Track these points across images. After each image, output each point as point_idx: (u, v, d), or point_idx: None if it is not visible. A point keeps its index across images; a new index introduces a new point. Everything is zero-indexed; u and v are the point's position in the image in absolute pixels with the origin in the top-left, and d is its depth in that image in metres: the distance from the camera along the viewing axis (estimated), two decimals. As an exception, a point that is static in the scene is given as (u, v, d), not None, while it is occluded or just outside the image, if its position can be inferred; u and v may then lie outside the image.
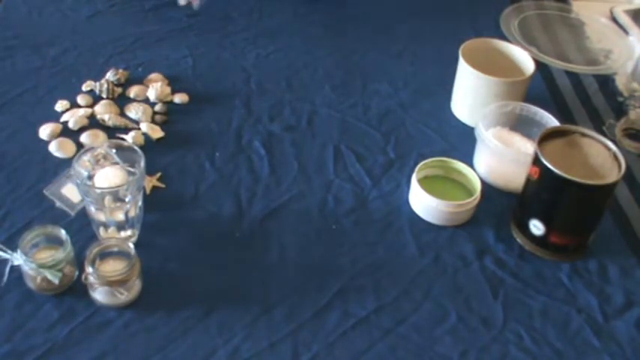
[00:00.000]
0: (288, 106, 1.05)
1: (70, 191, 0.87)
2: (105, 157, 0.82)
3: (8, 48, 1.12)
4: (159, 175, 0.92)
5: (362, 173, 0.95)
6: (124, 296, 0.76)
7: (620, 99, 1.11)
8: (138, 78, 1.08)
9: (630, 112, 1.07)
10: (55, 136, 0.96)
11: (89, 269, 0.74)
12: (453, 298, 0.80)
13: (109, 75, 1.06)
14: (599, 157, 0.82)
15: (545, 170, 0.80)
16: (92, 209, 0.80)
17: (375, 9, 1.28)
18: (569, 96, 1.12)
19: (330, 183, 0.93)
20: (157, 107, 1.02)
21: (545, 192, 0.82)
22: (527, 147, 0.94)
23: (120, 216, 0.80)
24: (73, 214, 0.86)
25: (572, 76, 1.16)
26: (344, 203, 0.90)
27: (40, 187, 0.88)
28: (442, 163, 0.93)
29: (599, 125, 1.05)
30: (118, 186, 0.78)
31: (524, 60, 1.03)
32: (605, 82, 1.14)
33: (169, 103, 1.04)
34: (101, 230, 0.82)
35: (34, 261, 0.74)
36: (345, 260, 0.83)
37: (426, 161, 0.91)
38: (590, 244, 0.86)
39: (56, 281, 0.75)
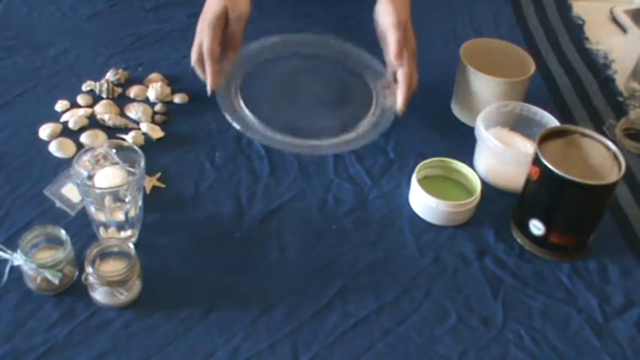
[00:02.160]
0: (288, 106, 1.05)
1: (70, 191, 0.87)
2: (105, 157, 0.82)
3: (8, 48, 1.12)
4: (159, 175, 0.92)
5: (362, 173, 0.95)
6: (124, 296, 0.76)
7: (620, 99, 1.11)
8: (138, 78, 1.08)
9: (630, 112, 1.07)
10: (55, 136, 0.96)
11: (89, 269, 0.74)
12: (453, 298, 0.80)
13: (109, 75, 1.06)
14: (599, 157, 0.82)
15: (545, 170, 0.80)
16: (92, 209, 0.80)
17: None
18: (569, 96, 1.11)
19: (330, 183, 0.93)
20: (157, 107, 1.02)
21: (545, 192, 0.82)
22: (527, 147, 0.94)
23: (120, 216, 0.80)
24: (73, 214, 0.86)
25: (572, 76, 1.16)
26: (344, 203, 0.90)
27: (40, 187, 0.88)
28: (442, 163, 0.93)
29: (599, 125, 1.05)
30: (118, 186, 0.78)
31: (524, 60, 1.03)
32: (605, 82, 1.14)
33: (169, 103, 1.04)
34: (101, 230, 0.82)
35: (34, 261, 0.74)
36: (345, 260, 0.83)
37: (426, 161, 0.91)
38: (590, 244, 0.86)
39: (56, 281, 0.75)
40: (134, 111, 1.01)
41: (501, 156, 0.91)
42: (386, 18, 0.96)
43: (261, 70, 1.02)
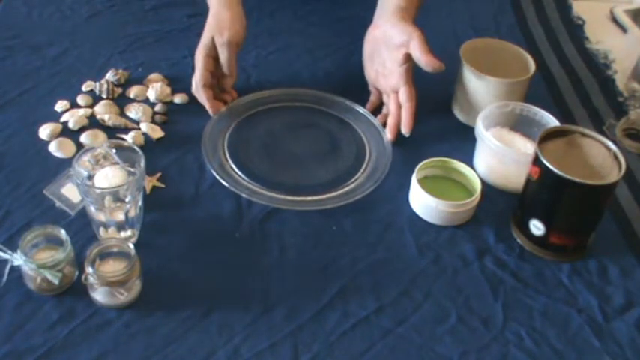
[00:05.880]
0: (288, 106, 1.05)
1: (70, 191, 0.87)
2: (105, 157, 0.82)
3: (8, 48, 1.12)
4: (159, 175, 0.92)
5: (362, 173, 0.95)
6: (124, 296, 0.76)
7: (620, 99, 1.11)
8: (138, 78, 1.08)
9: (630, 112, 1.07)
10: (55, 136, 0.96)
11: (89, 269, 0.74)
12: (453, 298, 0.80)
13: (109, 75, 1.06)
14: (599, 157, 0.83)
15: (545, 170, 0.80)
16: (92, 209, 0.80)
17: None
18: (569, 96, 1.12)
19: (330, 183, 0.93)
20: (157, 107, 1.02)
21: (545, 192, 0.82)
22: (527, 147, 0.95)
23: (120, 216, 0.80)
24: (73, 214, 0.86)
25: (572, 76, 1.16)
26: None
27: (40, 187, 0.88)
28: (442, 163, 0.93)
29: (599, 125, 1.05)
30: (118, 186, 0.78)
31: (524, 60, 1.03)
32: (605, 82, 1.14)
33: (169, 103, 1.04)
34: (101, 230, 0.82)
35: (34, 261, 0.74)
36: (345, 260, 0.83)
37: (426, 161, 0.91)
38: (590, 244, 0.86)
39: (56, 281, 0.75)
40: (134, 111, 1.01)
41: (501, 156, 0.91)
42: (400, 28, 0.99)
43: (246, 124, 1.00)
